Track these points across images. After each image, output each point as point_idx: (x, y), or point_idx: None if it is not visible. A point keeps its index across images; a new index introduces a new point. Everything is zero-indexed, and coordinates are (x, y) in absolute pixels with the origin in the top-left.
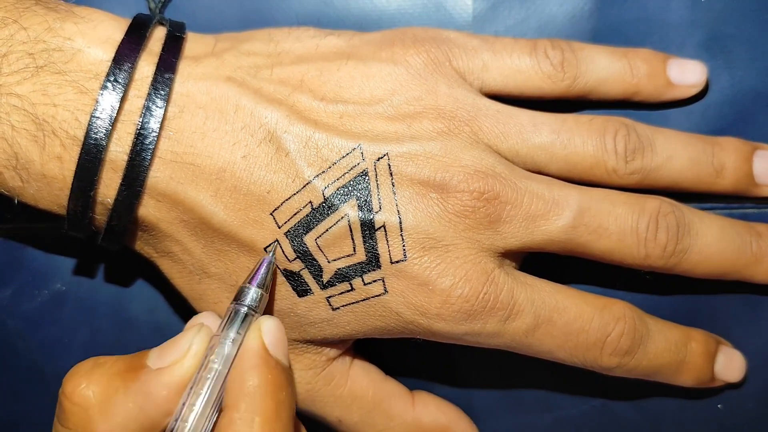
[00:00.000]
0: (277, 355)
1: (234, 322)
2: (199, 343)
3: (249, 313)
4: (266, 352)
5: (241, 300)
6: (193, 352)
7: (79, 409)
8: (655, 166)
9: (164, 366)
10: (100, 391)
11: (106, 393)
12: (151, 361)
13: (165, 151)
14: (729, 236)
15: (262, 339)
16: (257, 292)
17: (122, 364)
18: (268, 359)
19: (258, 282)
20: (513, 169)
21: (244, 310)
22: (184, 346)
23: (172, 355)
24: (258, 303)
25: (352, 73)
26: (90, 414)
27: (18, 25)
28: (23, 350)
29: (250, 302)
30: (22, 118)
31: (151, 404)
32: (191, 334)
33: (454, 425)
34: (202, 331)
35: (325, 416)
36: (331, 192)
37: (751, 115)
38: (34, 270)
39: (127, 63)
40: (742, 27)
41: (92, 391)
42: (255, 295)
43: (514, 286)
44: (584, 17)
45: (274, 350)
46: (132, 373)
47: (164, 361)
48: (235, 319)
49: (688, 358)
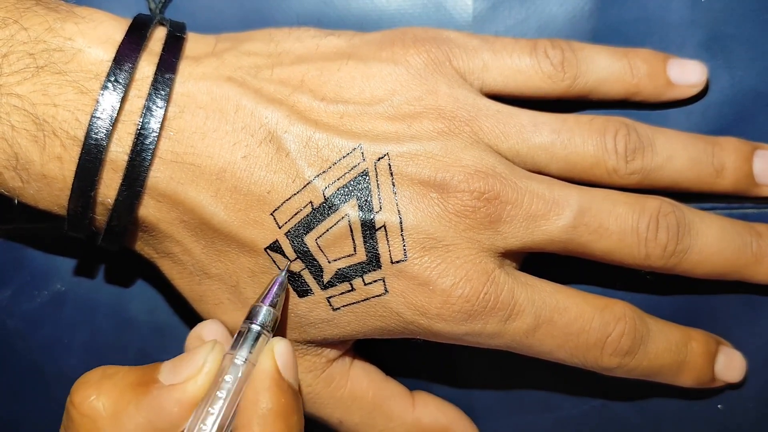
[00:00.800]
0: (288, 378)
1: (246, 341)
2: (213, 361)
3: (261, 332)
4: (279, 375)
5: (254, 319)
6: (207, 370)
7: (88, 420)
8: (655, 166)
9: (177, 382)
10: (110, 404)
11: (116, 406)
12: (163, 375)
13: (165, 151)
14: (729, 236)
15: (275, 361)
16: (269, 312)
17: (133, 376)
18: (281, 382)
19: (270, 301)
20: (513, 169)
21: (257, 329)
22: (197, 363)
23: (185, 371)
24: (270, 322)
25: (353, 73)
26: (99, 426)
27: (18, 25)
28: (23, 350)
29: (261, 321)
30: (23, 118)
31: (162, 420)
32: (205, 350)
33: (454, 425)
34: (216, 349)
35: (326, 417)
36: (331, 192)
37: (751, 115)
38: (34, 270)
39: (128, 63)
40: (742, 27)
41: (102, 403)
42: (267, 315)
43: (514, 286)
44: (584, 17)
45: (286, 373)
46: (143, 387)
47: (177, 376)
48: (247, 338)
49: (689, 358)
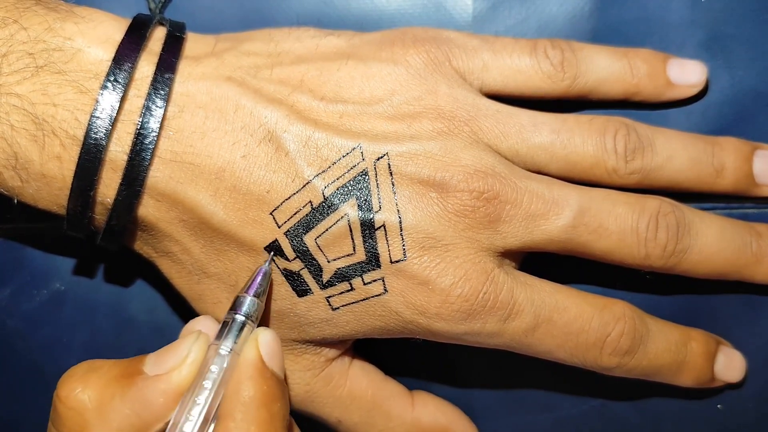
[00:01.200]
0: (272, 367)
1: (231, 332)
2: (197, 351)
3: (246, 322)
4: (262, 364)
5: (238, 309)
6: (191, 360)
7: (74, 413)
8: (655, 165)
9: (162, 373)
10: (95, 396)
11: (101, 398)
12: (147, 367)
13: (165, 150)
14: (729, 236)
15: (258, 350)
16: (253, 302)
17: (119, 368)
18: (264, 371)
19: (254, 291)
20: (513, 169)
21: (241, 319)
22: (182, 354)
23: (169, 361)
24: (254, 312)
25: (352, 73)
26: (85, 418)
27: (18, 25)
28: (23, 350)
29: (246, 311)
30: (22, 117)
31: (148, 411)
32: (189, 341)
33: (453, 425)
34: (200, 339)
35: (325, 417)
36: (330, 191)
37: (751, 115)
38: (34, 270)
39: (127, 63)
40: (742, 27)
41: (88, 396)
42: (251, 305)
43: (513, 285)
44: (584, 17)
45: (270, 362)
46: (128, 378)
47: (162, 367)
48: (232, 329)
49: (688, 358)
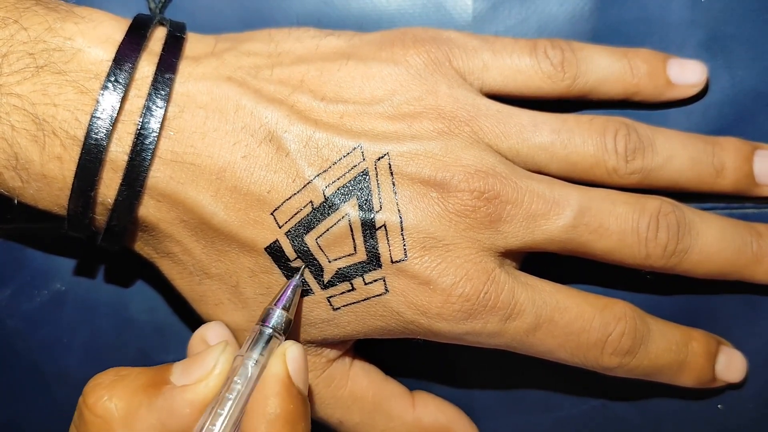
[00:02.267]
0: (298, 383)
1: (258, 344)
2: (224, 363)
3: (273, 335)
4: (289, 380)
5: (266, 321)
6: (218, 372)
7: (101, 421)
8: (655, 165)
9: (189, 383)
10: (123, 405)
11: (128, 407)
12: (174, 377)
13: (165, 151)
14: (729, 236)
15: (286, 366)
16: (282, 315)
17: (145, 377)
18: (291, 388)
19: (284, 304)
20: (513, 169)
21: (269, 332)
22: (209, 365)
23: (196, 372)
24: (282, 325)
25: (353, 73)
26: (112, 427)
27: (18, 25)
28: (23, 350)
29: (274, 324)
30: (22, 118)
31: (174, 421)
32: (216, 352)
33: (454, 425)
34: (227, 350)
35: (326, 418)
36: (331, 191)
37: (751, 115)
38: (34, 270)
39: (128, 63)
40: (742, 27)
41: (115, 404)
42: (280, 317)
43: (514, 285)
44: (584, 17)
45: (297, 378)
46: (155, 388)
47: (189, 378)
48: (259, 341)
49: (689, 358)
